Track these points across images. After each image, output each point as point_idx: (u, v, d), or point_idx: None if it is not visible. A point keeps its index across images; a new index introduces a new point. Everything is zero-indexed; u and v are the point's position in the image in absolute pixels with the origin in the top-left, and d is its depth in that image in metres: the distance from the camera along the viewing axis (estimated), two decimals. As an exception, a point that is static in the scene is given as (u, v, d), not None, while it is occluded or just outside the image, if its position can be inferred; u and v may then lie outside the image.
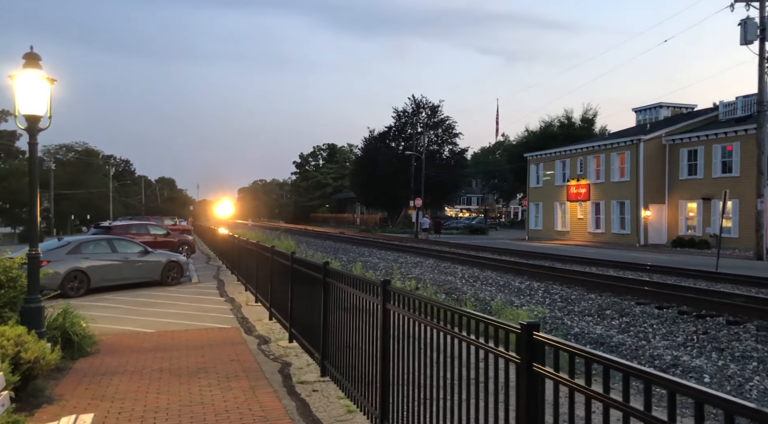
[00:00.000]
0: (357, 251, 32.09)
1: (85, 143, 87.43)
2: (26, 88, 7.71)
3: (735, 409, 1.90)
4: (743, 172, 34.81)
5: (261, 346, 9.42)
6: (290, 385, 7.15)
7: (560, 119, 69.41)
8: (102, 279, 15.72)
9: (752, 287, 15.90)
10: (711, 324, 10.79)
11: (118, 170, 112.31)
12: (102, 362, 8.22)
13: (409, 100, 71.85)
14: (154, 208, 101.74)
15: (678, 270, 19.71)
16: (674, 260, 25.98)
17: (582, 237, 45.90)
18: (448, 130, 71.25)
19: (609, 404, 2.50)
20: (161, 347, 9.29)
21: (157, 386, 7.03)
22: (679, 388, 2.14)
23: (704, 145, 38.16)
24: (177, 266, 17.63)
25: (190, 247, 28.63)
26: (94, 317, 10.60)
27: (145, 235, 26.08)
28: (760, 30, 28.38)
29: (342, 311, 6.57)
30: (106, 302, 13.96)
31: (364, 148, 73.62)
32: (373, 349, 5.42)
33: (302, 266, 8.69)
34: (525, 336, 3.09)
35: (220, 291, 16.05)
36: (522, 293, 15.38)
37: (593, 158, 45.62)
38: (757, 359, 8.87)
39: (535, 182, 52.74)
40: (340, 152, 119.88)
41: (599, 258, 25.40)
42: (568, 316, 12.46)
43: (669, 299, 13.05)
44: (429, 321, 4.31)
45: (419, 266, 22.64)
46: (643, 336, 10.57)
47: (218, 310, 12.94)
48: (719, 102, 42.17)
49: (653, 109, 48.04)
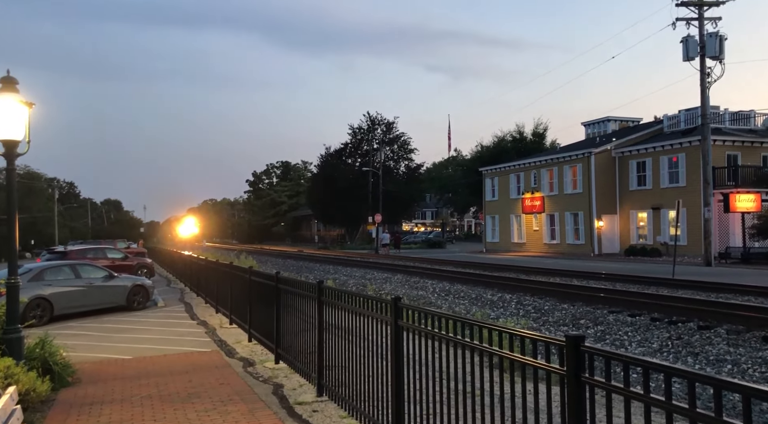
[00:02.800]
0: (321, 268, 31.91)
1: (26, 166, 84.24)
2: (3, 113, 7.46)
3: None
4: (689, 182, 36.40)
5: (247, 368, 9.27)
6: (288, 406, 7.07)
7: (512, 134, 71.04)
8: (66, 306, 15.15)
9: (711, 292, 16.61)
10: (683, 330, 11.22)
11: (63, 193, 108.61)
12: (86, 392, 7.93)
13: (365, 117, 72.32)
14: (101, 231, 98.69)
15: (637, 278, 20.39)
16: (630, 268, 26.86)
17: (538, 248, 46.92)
18: (404, 147, 71.97)
19: (672, 411, 2.62)
20: (144, 373, 9.03)
21: (152, 414, 6.84)
22: (752, 392, 2.26)
23: (652, 156, 39.75)
24: (143, 290, 17.17)
25: (150, 270, 27.90)
26: (67, 346, 10.21)
27: (103, 259, 25.31)
28: (700, 47, 29.89)
29: (340, 331, 6.56)
30: (73, 330, 13.45)
31: (321, 165, 73.54)
32: (384, 367, 5.44)
33: (291, 286, 8.63)
34: (572, 348, 3.19)
35: (190, 314, 15.69)
36: (495, 305, 15.63)
37: (546, 171, 46.84)
38: (731, 362, 9.27)
39: (491, 196, 53.71)
40: (294, 170, 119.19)
41: (560, 268, 26.03)
42: (544, 326, 12.73)
43: (639, 307, 13.50)
44: (452, 338, 4.36)
45: (388, 281, 22.70)
46: (619, 344, 10.90)
47: (193, 333, 12.66)
48: (663, 115, 44.08)
49: (601, 122, 49.80)
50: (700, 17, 29.96)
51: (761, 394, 2.20)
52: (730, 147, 37.33)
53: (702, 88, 30.22)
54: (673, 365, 2.72)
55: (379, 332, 5.55)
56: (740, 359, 9.37)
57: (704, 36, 29.77)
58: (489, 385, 3.86)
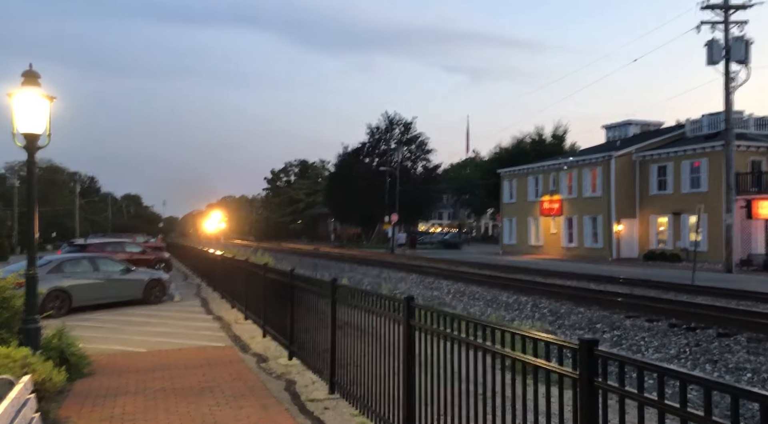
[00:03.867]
0: (337, 267, 31.98)
1: (49, 160, 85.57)
2: (25, 107, 7.56)
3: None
4: (711, 187, 35.86)
5: (260, 364, 9.30)
6: (300, 403, 7.08)
7: (531, 136, 70.53)
8: (84, 298, 15.34)
9: (731, 299, 16.32)
10: (702, 336, 11.05)
11: (84, 187, 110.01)
12: (101, 384, 8.01)
13: (383, 117, 72.41)
14: (121, 225, 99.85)
15: (656, 283, 20.13)
16: (649, 273, 26.54)
17: (555, 251, 46.55)
18: (421, 147, 71.90)
19: (687, 418, 2.56)
20: (158, 366, 9.11)
21: (165, 407, 6.89)
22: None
23: (673, 161, 39.23)
24: (159, 284, 17.32)
25: (167, 264, 28.17)
26: (83, 337, 10.33)
27: (121, 253, 25.62)
28: (725, 51, 29.42)
29: (354, 329, 6.56)
30: (90, 322, 13.61)
31: (339, 164, 73.70)
32: (395, 367, 5.41)
33: (305, 283, 8.64)
34: (585, 352, 3.15)
35: (206, 309, 15.80)
36: (510, 307, 15.53)
37: (566, 174, 46.45)
38: (752, 371, 9.10)
39: (509, 198, 53.40)
40: (312, 168, 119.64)
41: (577, 271, 25.80)
42: (559, 330, 12.62)
43: (657, 312, 13.32)
44: (465, 339, 4.33)
45: (403, 281, 22.67)
46: (636, 349, 10.76)
47: (208, 328, 12.74)
48: (686, 120, 43.47)
49: (622, 126, 49.24)
50: (725, 21, 29.49)
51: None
52: (755, 153, 36.68)
53: (726, 93, 29.75)
54: (689, 371, 2.66)
55: (391, 332, 5.54)
56: (761, 367, 9.20)
57: (729, 40, 29.29)
58: (501, 387, 3.83)
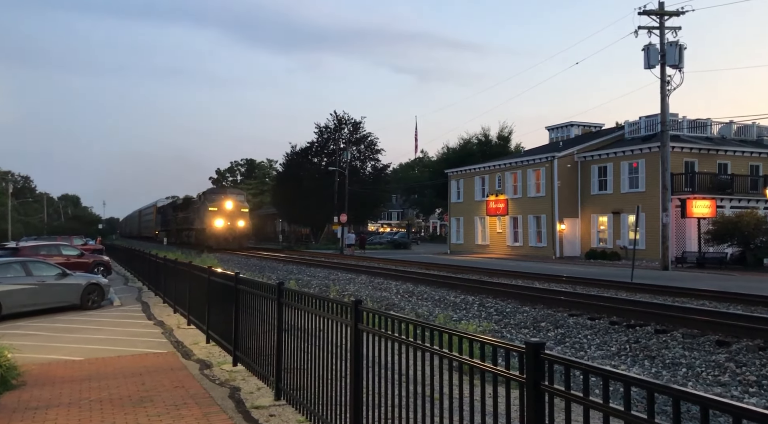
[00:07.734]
0: (285, 268, 31.56)
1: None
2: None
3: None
4: (648, 187, 37.26)
5: (203, 371, 9.03)
6: (245, 410, 6.89)
7: (478, 137, 71.74)
8: (15, 305, 14.58)
9: (667, 296, 16.96)
10: (641, 333, 11.39)
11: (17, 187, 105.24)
12: (32, 395, 7.59)
13: (332, 116, 71.93)
14: (58, 226, 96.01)
15: (597, 281, 20.72)
16: (590, 271, 27.30)
17: (501, 250, 47.39)
18: (370, 147, 71.82)
19: (631, 421, 2.57)
20: (95, 375, 8.72)
21: (101, 418, 6.58)
22: (711, 403, 2.24)
23: (613, 162, 40.56)
24: (98, 289, 16.65)
25: (106, 267, 27.17)
26: (13, 346, 9.79)
27: (57, 256, 24.51)
28: (661, 56, 30.56)
29: (301, 333, 6.43)
30: (22, 330, 12.94)
31: (286, 163, 72.82)
32: (343, 371, 5.33)
33: (250, 286, 8.44)
34: (532, 355, 3.14)
35: (147, 314, 15.28)
36: (458, 307, 15.65)
37: (511, 174, 47.37)
38: (686, 366, 9.44)
39: (456, 197, 54.05)
40: (259, 168, 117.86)
41: (522, 270, 26.30)
42: (505, 329, 12.79)
43: (599, 310, 13.68)
44: (412, 342, 4.29)
45: (352, 282, 22.55)
46: (579, 347, 11.00)
47: (149, 334, 12.32)
48: (625, 122, 45.05)
49: (565, 127, 50.64)
50: (661, 26, 30.64)
51: (720, 405, 2.19)
52: (688, 154, 38.34)
53: (662, 96, 30.89)
54: (633, 374, 2.68)
55: (339, 335, 5.45)
56: (695, 362, 9.55)
57: (665, 45, 30.46)
58: (449, 388, 3.80)
